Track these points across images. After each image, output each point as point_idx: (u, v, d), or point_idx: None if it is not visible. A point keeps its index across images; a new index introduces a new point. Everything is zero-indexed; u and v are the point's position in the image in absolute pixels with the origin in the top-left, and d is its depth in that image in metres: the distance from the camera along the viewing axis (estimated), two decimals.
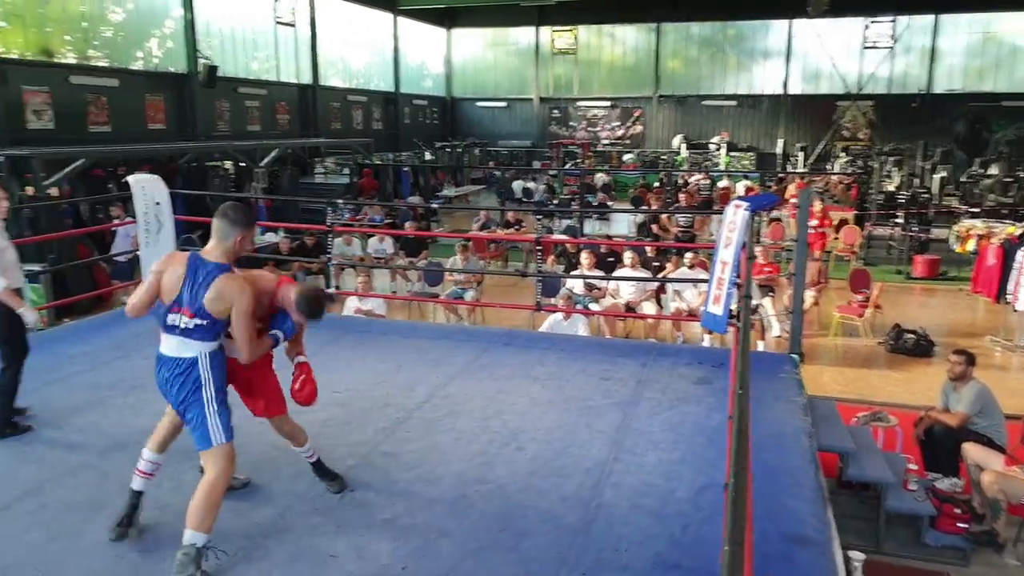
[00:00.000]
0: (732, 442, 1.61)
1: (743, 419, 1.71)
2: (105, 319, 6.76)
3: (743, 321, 3.20)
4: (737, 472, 1.38)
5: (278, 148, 16.48)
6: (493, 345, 6.04)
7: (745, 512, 1.27)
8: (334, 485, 3.66)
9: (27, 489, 3.58)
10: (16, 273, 4.42)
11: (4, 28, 13.79)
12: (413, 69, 30.05)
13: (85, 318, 7.37)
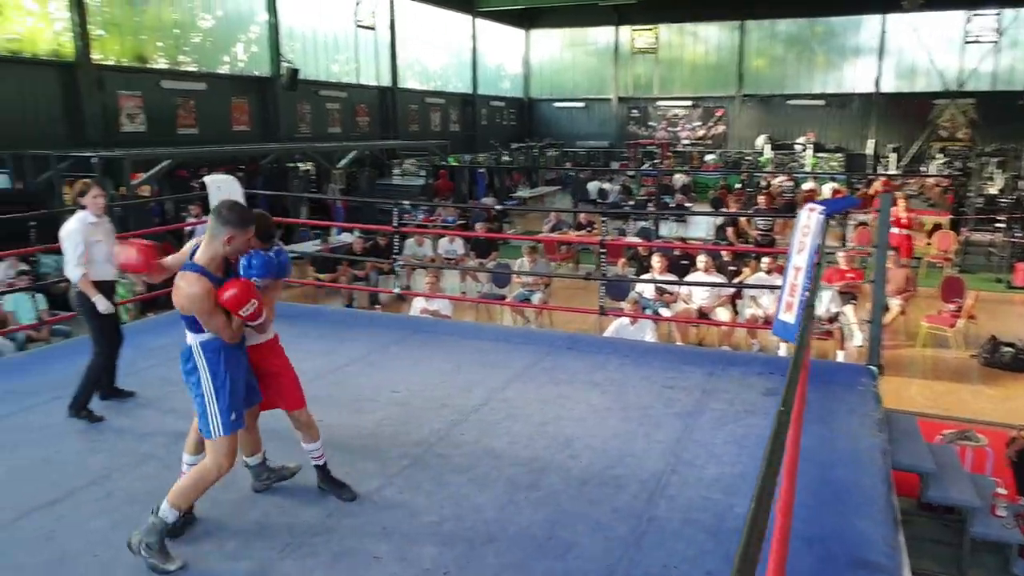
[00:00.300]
0: (763, 463, 1.49)
1: (777, 439, 1.57)
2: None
3: (801, 331, 3.02)
4: (760, 497, 1.27)
5: (356, 150, 16.81)
6: (555, 349, 5.95)
7: (758, 543, 1.16)
8: (344, 493, 3.57)
9: (95, 477, 3.71)
10: (105, 267, 4.58)
11: (103, 36, 14.55)
12: (491, 70, 30.22)
13: (165, 313, 7.65)
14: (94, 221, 4.59)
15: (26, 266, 8.97)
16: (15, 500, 3.48)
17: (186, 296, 2.92)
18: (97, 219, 4.62)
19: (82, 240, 4.52)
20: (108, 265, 4.55)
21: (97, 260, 4.56)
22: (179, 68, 16.41)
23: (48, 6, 13.55)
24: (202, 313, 2.96)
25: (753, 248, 10.49)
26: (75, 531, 3.25)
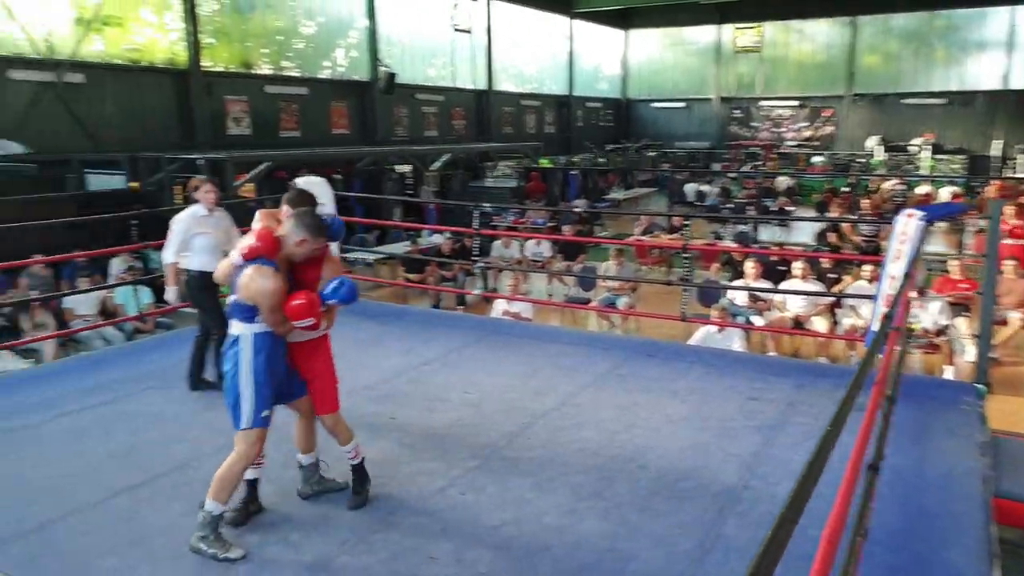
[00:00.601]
0: (796, 485, 1.38)
1: (816, 461, 1.46)
2: None
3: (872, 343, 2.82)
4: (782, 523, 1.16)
5: (449, 152, 17.06)
6: (635, 356, 5.82)
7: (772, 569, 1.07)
8: (356, 500, 3.52)
9: (177, 464, 3.88)
10: (206, 258, 4.75)
11: (212, 44, 15.38)
12: (587, 72, 30.05)
13: None
14: (204, 215, 4.82)
15: (138, 262, 9.54)
16: (106, 482, 3.67)
17: (259, 289, 3.02)
18: (207, 213, 4.84)
19: (184, 230, 4.76)
20: (210, 257, 4.72)
21: (199, 251, 4.77)
22: (282, 73, 17.13)
23: (164, 17, 14.44)
24: (268, 308, 3.05)
25: (852, 256, 9.95)
26: (153, 514, 3.41)
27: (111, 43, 13.71)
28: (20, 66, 12.18)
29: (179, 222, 4.78)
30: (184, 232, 4.77)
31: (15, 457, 3.96)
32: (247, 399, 3.11)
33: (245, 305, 3.10)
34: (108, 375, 5.21)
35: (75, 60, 12.84)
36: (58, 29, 12.73)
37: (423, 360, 5.64)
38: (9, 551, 3.10)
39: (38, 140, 12.26)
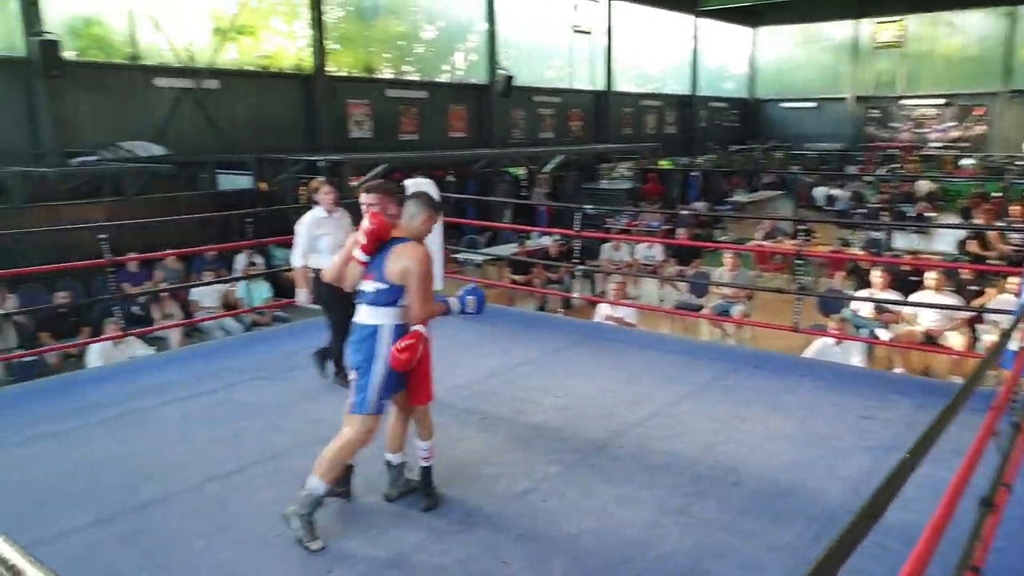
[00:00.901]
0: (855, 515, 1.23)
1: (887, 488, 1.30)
2: None
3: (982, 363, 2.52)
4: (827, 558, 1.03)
5: (563, 154, 17.01)
6: (741, 366, 5.54)
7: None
8: (428, 502, 3.50)
9: (271, 454, 4.01)
10: (328, 257, 4.79)
11: (337, 50, 16.05)
12: (712, 71, 29.21)
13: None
14: (323, 216, 4.94)
15: (260, 258, 10.07)
16: (205, 467, 3.85)
17: (418, 259, 3.18)
18: (327, 214, 4.94)
19: (307, 232, 4.91)
20: (327, 256, 4.81)
21: (322, 252, 4.89)
22: (403, 77, 17.64)
23: (294, 25, 15.21)
24: (424, 277, 3.19)
25: (994, 268, 9.10)
26: (243, 501, 3.53)
27: (244, 51, 14.61)
28: (164, 74, 13.21)
29: (302, 225, 4.92)
30: (308, 234, 4.90)
31: (131, 439, 4.23)
32: (375, 387, 3.20)
33: (394, 287, 3.19)
34: (220, 364, 5.48)
35: (212, 68, 13.77)
36: (197, 39, 13.70)
37: (518, 362, 5.60)
38: (112, 527, 3.29)
39: (177, 142, 13.25)
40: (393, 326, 3.22)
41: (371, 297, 3.25)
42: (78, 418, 4.48)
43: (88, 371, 6.07)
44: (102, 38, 12.76)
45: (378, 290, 3.23)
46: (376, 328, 3.22)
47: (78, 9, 12.34)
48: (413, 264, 3.17)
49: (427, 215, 3.31)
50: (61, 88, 11.70)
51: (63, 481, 3.69)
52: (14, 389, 5.30)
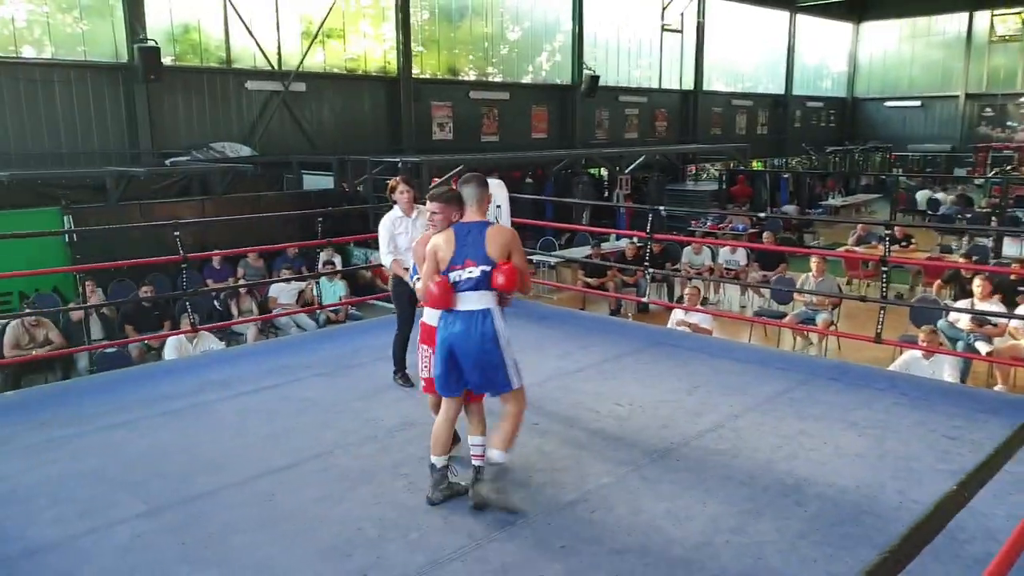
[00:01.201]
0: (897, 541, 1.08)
1: (932, 520, 1.14)
2: None
3: None
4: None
5: (644, 155, 16.70)
6: (814, 377, 5.24)
7: None
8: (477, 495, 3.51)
9: (320, 452, 4.04)
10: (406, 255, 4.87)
11: (422, 52, 16.25)
12: (809, 69, 28.12)
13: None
14: (399, 216, 4.99)
15: (339, 257, 10.28)
16: (257, 462, 3.91)
17: (513, 235, 3.45)
18: (403, 215, 4.98)
19: (387, 232, 4.98)
20: (407, 255, 4.86)
21: (400, 251, 4.96)
22: (486, 79, 17.71)
23: (381, 27, 15.50)
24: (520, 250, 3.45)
25: None
26: (288, 498, 3.55)
27: (331, 54, 15.01)
28: (255, 77, 13.72)
29: (383, 226, 5.00)
30: (388, 234, 4.97)
31: (191, 431, 4.35)
32: (510, 364, 3.40)
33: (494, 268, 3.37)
34: (285, 360, 5.59)
35: (300, 71, 14.20)
36: (287, 43, 14.16)
37: (578, 367, 5.47)
38: (160, 518, 3.37)
39: (264, 144, 13.73)
40: (497, 305, 3.43)
41: (477, 281, 3.36)
42: (147, 409, 4.65)
43: (162, 364, 6.32)
44: (198, 44, 13.38)
45: (483, 273, 3.36)
46: (488, 310, 3.39)
47: (178, 17, 12.97)
48: (513, 239, 3.43)
49: (485, 195, 3.52)
50: (159, 92, 12.34)
51: (123, 471, 3.82)
52: (94, 379, 5.57)
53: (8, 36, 11.18)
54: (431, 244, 3.46)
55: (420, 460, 3.85)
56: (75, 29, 11.87)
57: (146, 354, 7.40)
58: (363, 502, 3.50)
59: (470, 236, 3.39)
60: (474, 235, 3.38)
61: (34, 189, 9.44)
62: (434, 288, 3.35)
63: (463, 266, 3.36)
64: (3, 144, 11.03)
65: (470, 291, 3.36)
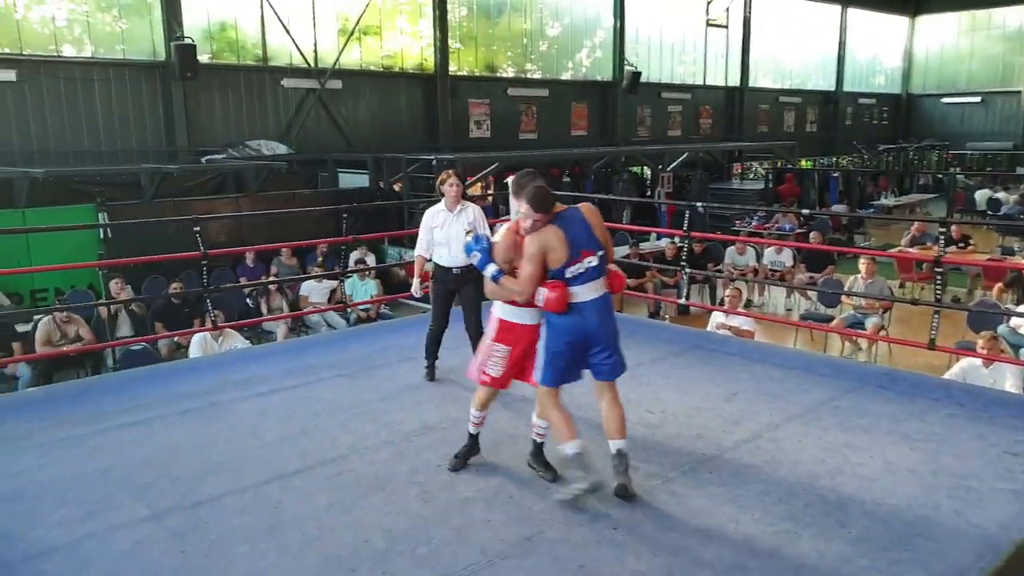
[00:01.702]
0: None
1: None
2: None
3: None
4: None
5: (687, 152, 16.32)
6: (864, 385, 4.91)
7: None
8: (546, 474, 3.60)
9: (334, 456, 3.88)
10: (440, 251, 4.84)
11: (459, 49, 16.12)
12: (861, 65, 27.28)
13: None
14: (441, 210, 4.84)
15: (371, 254, 10.19)
16: (269, 466, 3.77)
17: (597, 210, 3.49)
18: (446, 208, 4.82)
19: (425, 225, 4.86)
20: (443, 250, 4.80)
21: (438, 244, 4.83)
22: (524, 76, 17.50)
23: (418, 24, 15.41)
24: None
25: None
26: (296, 504, 3.40)
27: (368, 51, 14.96)
28: (291, 75, 13.74)
29: (424, 218, 4.90)
30: (426, 227, 4.85)
31: (206, 431, 4.23)
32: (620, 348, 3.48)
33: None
34: (309, 360, 5.46)
35: (336, 68, 14.18)
36: (323, 40, 14.15)
37: None
38: (164, 523, 3.25)
39: (300, 141, 13.74)
40: None
41: (597, 268, 3.34)
42: (165, 407, 4.55)
43: (185, 362, 6.25)
44: (235, 41, 13.45)
45: (600, 257, 3.36)
46: (608, 295, 3.39)
47: (215, 15, 13.06)
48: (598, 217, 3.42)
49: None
50: (196, 90, 12.43)
51: (132, 472, 3.71)
52: (117, 377, 5.53)
53: (49, 35, 11.38)
54: (539, 245, 3.27)
55: (437, 468, 3.70)
56: (114, 28, 12.02)
57: (175, 351, 7.38)
58: (374, 511, 3.33)
59: (574, 226, 3.31)
60: (577, 224, 3.32)
61: (70, 186, 9.56)
62: (552, 295, 3.26)
63: (580, 259, 3.29)
64: (44, 142, 11.24)
65: (590, 281, 3.31)
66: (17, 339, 7.09)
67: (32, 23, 11.32)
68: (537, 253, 3.27)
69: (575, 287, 3.29)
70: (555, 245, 3.26)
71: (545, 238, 3.27)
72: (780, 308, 11.16)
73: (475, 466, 3.72)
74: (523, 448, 3.90)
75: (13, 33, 11.09)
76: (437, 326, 4.92)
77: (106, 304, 7.32)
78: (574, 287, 3.29)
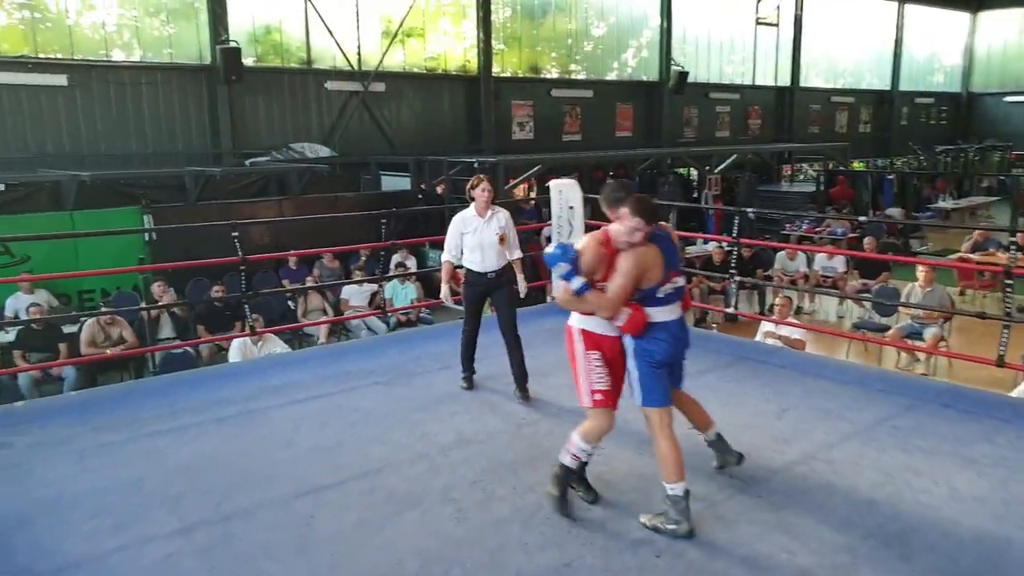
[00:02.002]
0: None
1: None
2: (539, 310, 6.82)
3: None
4: None
5: (735, 154, 15.93)
6: (924, 403, 4.64)
7: None
8: (588, 495, 3.47)
9: (368, 470, 3.77)
10: (471, 257, 4.78)
11: (503, 50, 15.98)
12: (918, 62, 26.41)
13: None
14: (471, 215, 4.76)
15: (412, 258, 10.12)
16: (301, 478, 3.68)
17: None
18: (475, 213, 4.75)
19: (453, 230, 4.78)
20: (474, 255, 4.75)
21: (468, 249, 4.78)
22: (569, 77, 17.30)
23: (462, 26, 15.33)
24: None
25: None
26: (327, 521, 3.30)
27: (411, 53, 14.93)
28: (335, 77, 13.77)
29: (452, 224, 4.83)
30: (455, 232, 4.78)
31: (240, 440, 4.17)
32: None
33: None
34: (347, 366, 5.38)
35: (379, 71, 14.19)
36: (367, 43, 14.16)
37: None
38: (192, 537, 3.18)
39: (343, 144, 13.77)
40: None
41: (681, 290, 3.35)
42: (199, 415, 4.51)
43: (222, 367, 6.23)
44: (279, 44, 13.53)
45: (684, 279, 3.42)
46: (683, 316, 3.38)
47: (260, 18, 13.15)
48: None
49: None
50: (240, 93, 12.53)
51: (164, 482, 3.66)
52: (154, 382, 5.54)
53: (99, 40, 11.57)
54: (639, 263, 3.13)
55: (472, 484, 3.57)
56: (162, 32, 12.18)
57: (216, 355, 7.40)
58: (407, 530, 3.21)
59: (666, 245, 3.25)
60: (667, 243, 3.27)
61: (117, 189, 9.70)
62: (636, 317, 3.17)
63: (670, 279, 3.25)
64: (93, 145, 11.43)
65: (675, 302, 3.30)
66: (63, 340, 7.19)
67: (83, 28, 11.53)
68: (635, 270, 3.13)
69: (662, 307, 3.22)
70: (653, 264, 3.16)
71: (646, 256, 3.15)
72: (832, 315, 10.78)
73: (512, 483, 3.59)
74: None
75: (65, 39, 11.33)
76: (470, 329, 4.87)
77: (147, 309, 7.38)
78: (660, 307, 3.22)
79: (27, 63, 10.84)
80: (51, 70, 11.06)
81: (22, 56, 10.88)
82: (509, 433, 4.21)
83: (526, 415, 4.39)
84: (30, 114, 10.95)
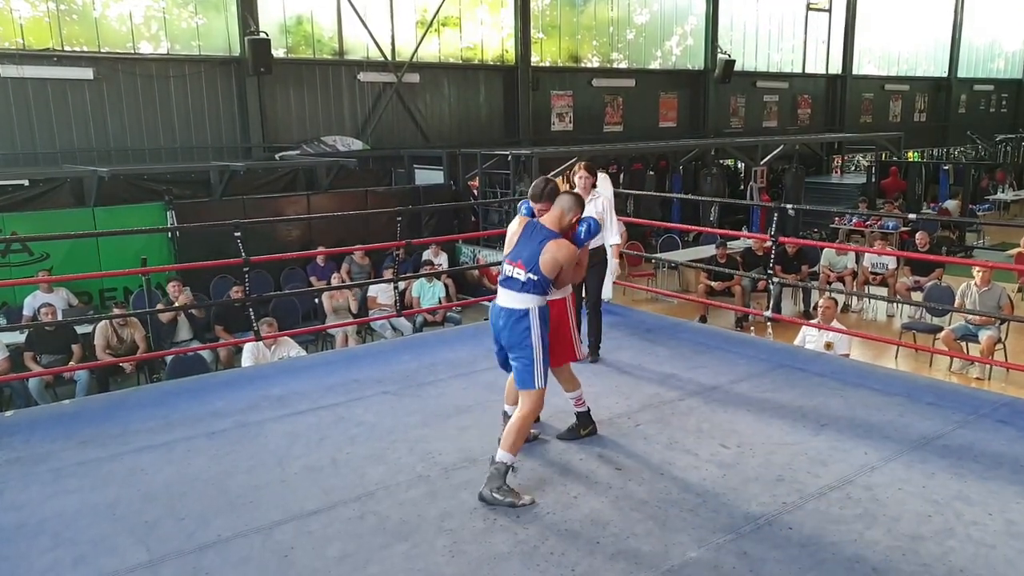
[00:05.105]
0: None
1: None
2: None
3: None
4: None
5: (782, 145, 15.27)
6: (979, 417, 4.20)
7: None
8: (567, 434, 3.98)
9: (360, 493, 3.49)
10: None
11: (541, 39, 15.57)
12: (978, 49, 25.20)
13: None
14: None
15: (443, 253, 9.84)
16: (288, 503, 3.41)
17: (566, 257, 3.45)
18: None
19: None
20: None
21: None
22: (610, 66, 16.80)
23: (499, 14, 14.96)
24: (570, 269, 3.51)
25: None
26: (308, 554, 3.03)
27: (446, 43, 14.62)
28: (368, 69, 13.53)
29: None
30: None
31: (229, 457, 3.90)
32: (537, 363, 3.45)
33: (542, 279, 3.44)
34: (355, 374, 5.12)
35: (414, 61, 13.91)
36: (401, 33, 13.90)
37: (681, 393, 4.66)
38: (159, 572, 2.92)
39: (377, 137, 13.54)
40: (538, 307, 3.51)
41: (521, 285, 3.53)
42: (191, 428, 4.27)
43: (225, 374, 5.97)
44: (311, 35, 13.35)
45: (529, 279, 3.55)
46: (526, 310, 3.51)
47: (291, 8, 12.98)
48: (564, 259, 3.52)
49: (575, 214, 3.56)
50: (271, 85, 12.39)
51: (139, 507, 3.40)
52: (154, 390, 5.33)
53: (126, 33, 11.51)
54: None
55: (472, 512, 3.28)
56: (190, 24, 12.09)
57: (234, 356, 7.22)
58: (392, 567, 2.91)
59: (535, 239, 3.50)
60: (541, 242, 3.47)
61: (140, 184, 9.60)
62: None
63: (515, 265, 3.54)
64: (120, 139, 11.39)
65: (516, 291, 3.54)
66: (77, 341, 7.09)
67: (110, 20, 11.46)
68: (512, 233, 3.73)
69: (499, 287, 3.65)
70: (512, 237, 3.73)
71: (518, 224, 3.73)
72: (881, 314, 10.20)
73: (514, 512, 3.27)
74: (569, 491, 3.45)
75: (91, 31, 11.28)
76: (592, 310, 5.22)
77: (160, 311, 7.23)
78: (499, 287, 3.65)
79: (53, 56, 10.82)
80: (77, 63, 11.02)
81: (48, 49, 10.85)
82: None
83: (537, 430, 4.07)
84: (56, 108, 10.92)
